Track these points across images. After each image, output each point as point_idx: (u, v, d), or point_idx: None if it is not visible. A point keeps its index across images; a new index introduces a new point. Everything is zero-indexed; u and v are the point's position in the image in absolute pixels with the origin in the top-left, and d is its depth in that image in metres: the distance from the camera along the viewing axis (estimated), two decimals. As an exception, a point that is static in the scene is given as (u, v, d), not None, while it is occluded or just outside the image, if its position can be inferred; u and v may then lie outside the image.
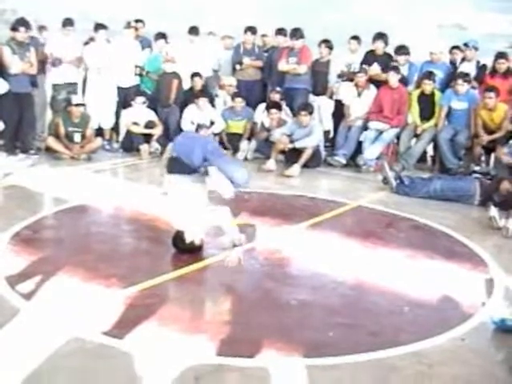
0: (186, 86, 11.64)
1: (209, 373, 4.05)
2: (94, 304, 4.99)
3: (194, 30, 12.02)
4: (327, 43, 11.53)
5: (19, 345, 4.29)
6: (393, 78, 10.59)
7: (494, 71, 10.60)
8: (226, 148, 10.92)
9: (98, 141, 10.62)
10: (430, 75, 10.62)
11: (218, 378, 4.02)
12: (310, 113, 10.51)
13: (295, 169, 10.02)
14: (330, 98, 11.58)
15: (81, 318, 4.73)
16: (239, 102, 11.14)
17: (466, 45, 11.31)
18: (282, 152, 10.56)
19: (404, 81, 10.91)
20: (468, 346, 4.69)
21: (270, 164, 10.21)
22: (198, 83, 11.43)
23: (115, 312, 4.83)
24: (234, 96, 11.27)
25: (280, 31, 11.94)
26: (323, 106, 11.44)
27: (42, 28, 12.53)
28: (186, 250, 6.11)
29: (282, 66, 11.23)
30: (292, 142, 10.41)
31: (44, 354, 4.13)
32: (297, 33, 11.25)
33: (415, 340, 4.64)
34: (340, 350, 4.42)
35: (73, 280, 5.40)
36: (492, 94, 9.95)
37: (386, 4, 15.02)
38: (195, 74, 11.44)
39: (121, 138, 11.28)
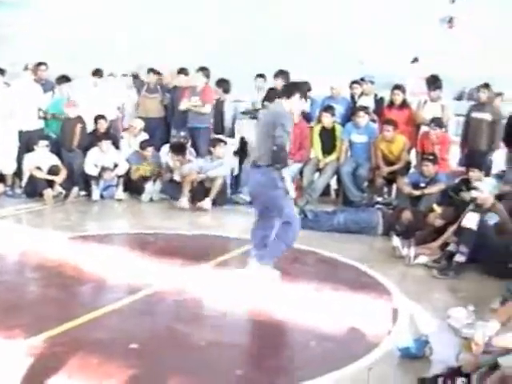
0: (91, 128, 11.53)
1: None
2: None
3: (97, 72, 11.99)
4: (224, 84, 11.69)
5: None
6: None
7: (391, 104, 10.88)
8: (130, 190, 10.85)
9: (0, 187, 10.40)
10: (328, 109, 10.83)
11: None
12: (225, 143, 10.72)
13: (207, 201, 10.09)
14: (229, 136, 11.68)
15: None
16: (149, 152, 11.10)
17: (362, 79, 11.59)
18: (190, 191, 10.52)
19: (306, 117, 11.07)
20: (375, 374, 4.75)
21: (183, 202, 10.20)
22: (103, 125, 11.35)
23: (17, 365, 4.68)
24: (142, 146, 11.19)
25: (182, 71, 12.00)
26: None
27: None
28: None
29: (184, 104, 11.25)
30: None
31: None
32: (204, 71, 11.32)
33: (323, 373, 4.68)
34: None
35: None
36: (389, 127, 10.22)
37: (287, 42, 15.24)
38: (99, 117, 11.37)
39: (23, 183, 11.06)
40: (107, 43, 16.05)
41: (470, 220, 7.15)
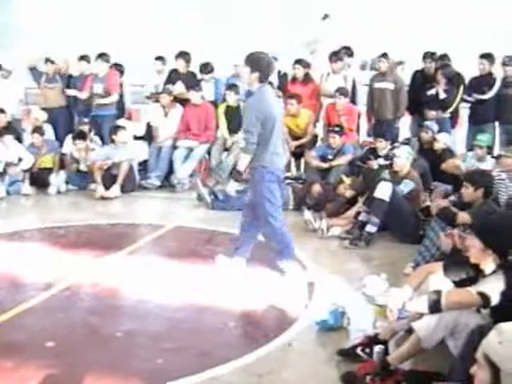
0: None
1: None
2: None
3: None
4: (119, 66, 11.58)
5: None
6: (194, 97, 10.70)
7: (294, 78, 10.90)
8: (36, 184, 10.62)
9: None
10: (232, 87, 10.80)
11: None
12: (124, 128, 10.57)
13: (114, 189, 9.95)
14: (128, 119, 11.62)
15: None
16: (37, 138, 10.82)
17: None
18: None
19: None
20: (295, 350, 4.82)
21: (100, 190, 10.01)
22: (3, 120, 11.03)
23: None
24: (32, 131, 10.94)
25: (83, 58, 11.74)
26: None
27: None
28: None
29: (86, 94, 11.09)
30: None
31: None
32: (103, 57, 11.13)
33: (244, 353, 4.70)
34: (170, 376, 4.39)
35: None
36: (293, 101, 10.24)
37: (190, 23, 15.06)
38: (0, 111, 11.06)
39: None
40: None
41: (383, 191, 7.24)
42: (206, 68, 11.28)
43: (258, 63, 6.08)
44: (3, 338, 5.13)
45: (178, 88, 11.12)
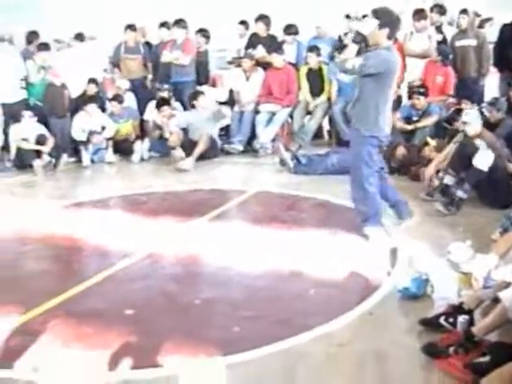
0: (76, 93, 11.33)
1: (115, 390, 3.91)
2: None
3: (79, 37, 11.74)
4: (204, 32, 11.47)
5: None
6: (276, 59, 10.57)
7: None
8: (119, 151, 10.72)
9: (-12, 163, 10.25)
10: (313, 49, 10.64)
11: (124, 395, 3.88)
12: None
13: (188, 162, 9.84)
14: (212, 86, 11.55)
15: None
16: (114, 106, 10.91)
17: (348, 16, 11.35)
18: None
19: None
20: (376, 319, 4.70)
21: (179, 155, 10.05)
22: (93, 89, 11.15)
23: (12, 341, 4.59)
24: (111, 99, 11.05)
25: (163, 25, 11.76)
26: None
27: None
28: None
29: (166, 56, 11.06)
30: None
31: None
32: (180, 23, 11.11)
33: (324, 322, 4.59)
34: (248, 345, 4.31)
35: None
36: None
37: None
38: (91, 80, 11.16)
39: (12, 155, 10.89)
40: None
41: (483, 160, 6.92)
42: (290, 29, 11.15)
43: (388, 18, 5.80)
44: (84, 305, 5.17)
45: (259, 52, 11.00)
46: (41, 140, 10.41)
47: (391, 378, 3.92)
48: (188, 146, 10.16)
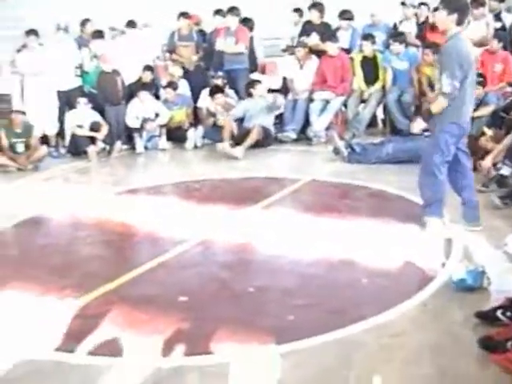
0: (129, 81, 11.39)
1: (167, 377, 3.91)
2: (46, 320, 4.79)
3: (131, 24, 11.80)
4: (248, 21, 11.49)
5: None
6: (330, 48, 10.50)
7: (432, 27, 10.48)
8: (173, 139, 10.77)
9: (44, 149, 10.29)
10: (368, 37, 10.54)
11: (176, 382, 3.88)
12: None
13: (239, 150, 9.81)
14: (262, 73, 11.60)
15: (33, 337, 4.54)
16: (169, 93, 10.95)
17: (403, 4, 11.23)
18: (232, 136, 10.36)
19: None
20: (430, 310, 4.65)
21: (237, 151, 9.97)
22: (148, 76, 11.21)
23: (69, 325, 4.65)
24: (165, 86, 11.10)
25: (217, 12, 11.76)
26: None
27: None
28: None
29: (220, 44, 11.07)
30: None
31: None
32: (233, 11, 11.12)
33: (377, 312, 4.54)
34: (301, 334, 4.29)
35: (23, 297, 5.21)
36: (428, 51, 9.90)
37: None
38: (147, 68, 11.22)
39: (67, 142, 11.01)
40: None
41: None
42: (345, 14, 11.08)
43: (456, 4, 5.71)
44: (138, 291, 5.21)
45: (313, 39, 10.94)
46: (95, 127, 10.51)
47: (445, 370, 3.86)
48: (242, 134, 10.17)
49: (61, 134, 11.16)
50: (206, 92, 11.04)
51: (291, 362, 4.00)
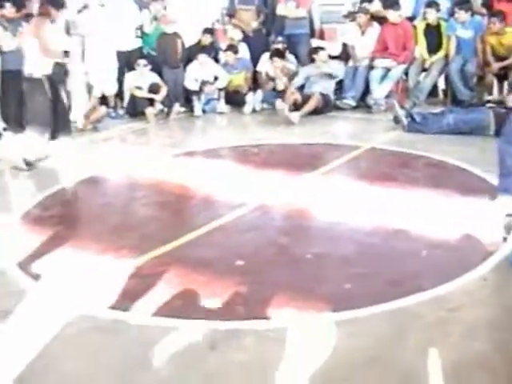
0: (190, 43, 11.39)
1: (224, 339, 3.91)
2: (104, 278, 4.84)
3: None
4: None
5: (26, 327, 4.16)
6: (392, 15, 10.33)
7: (500, -5, 10.27)
8: (231, 102, 10.75)
9: (103, 109, 10.36)
10: (432, 4, 10.33)
11: (233, 345, 3.88)
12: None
13: (295, 115, 9.75)
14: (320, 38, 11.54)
15: (90, 294, 4.60)
16: (229, 56, 10.94)
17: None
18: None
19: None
20: (490, 285, 4.56)
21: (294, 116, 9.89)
22: (208, 39, 11.19)
23: (126, 284, 4.69)
24: (226, 49, 11.06)
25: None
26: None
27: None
28: None
29: (280, 8, 10.99)
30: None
31: (51, 335, 4.00)
32: None
33: (435, 284, 4.48)
34: (358, 303, 4.26)
35: (83, 255, 5.27)
36: (495, 19, 9.67)
37: None
38: (206, 30, 11.21)
39: (125, 103, 11.06)
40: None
41: None
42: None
43: None
44: (195, 254, 5.22)
45: (375, 6, 10.78)
46: (154, 88, 10.54)
47: (503, 346, 3.80)
48: (302, 100, 10.11)
49: (120, 94, 11.23)
50: (266, 56, 10.98)
51: (346, 331, 3.97)
